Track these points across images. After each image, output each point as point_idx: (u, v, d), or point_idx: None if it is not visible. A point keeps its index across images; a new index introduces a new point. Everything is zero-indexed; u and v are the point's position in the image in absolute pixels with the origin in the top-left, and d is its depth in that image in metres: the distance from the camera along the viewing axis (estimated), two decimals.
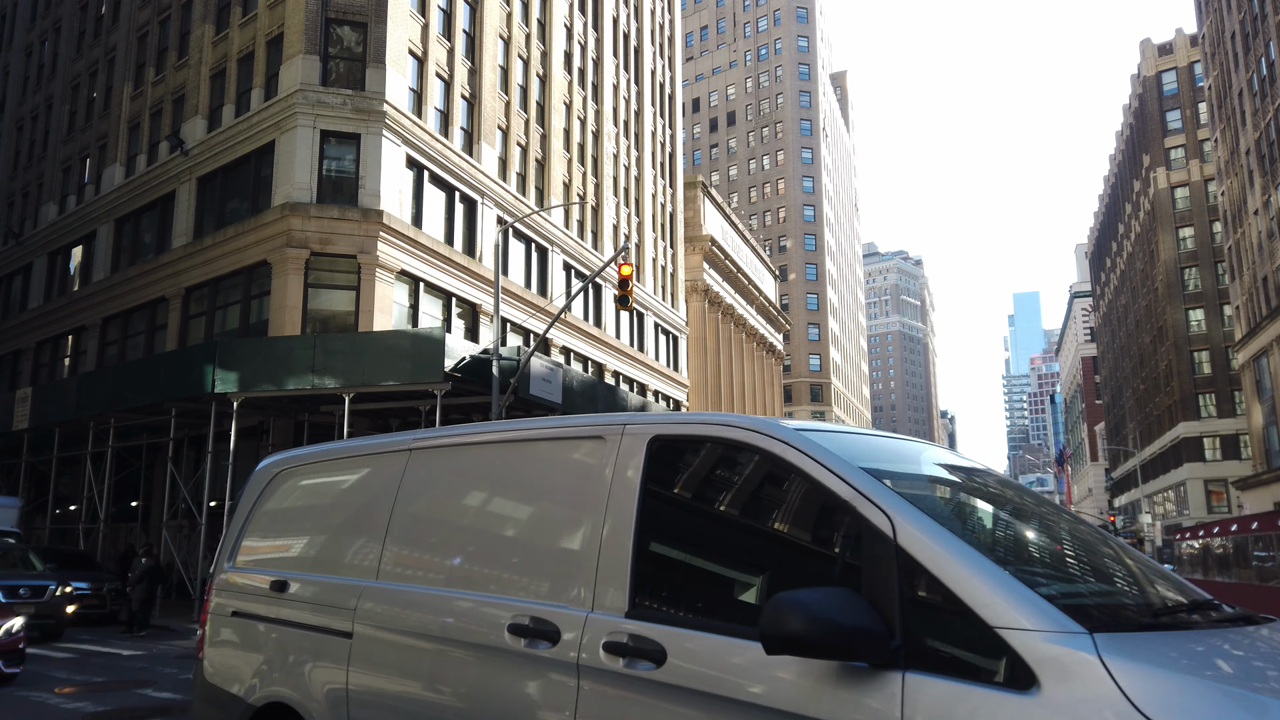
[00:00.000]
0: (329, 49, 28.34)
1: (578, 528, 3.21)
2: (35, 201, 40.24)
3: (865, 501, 2.54)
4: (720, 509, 3.01)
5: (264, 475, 5.10)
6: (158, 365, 24.83)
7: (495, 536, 3.59)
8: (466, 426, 4.06)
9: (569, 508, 3.31)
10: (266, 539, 4.81)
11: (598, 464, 3.28)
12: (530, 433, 3.68)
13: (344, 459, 4.62)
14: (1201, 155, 72.70)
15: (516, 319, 33.30)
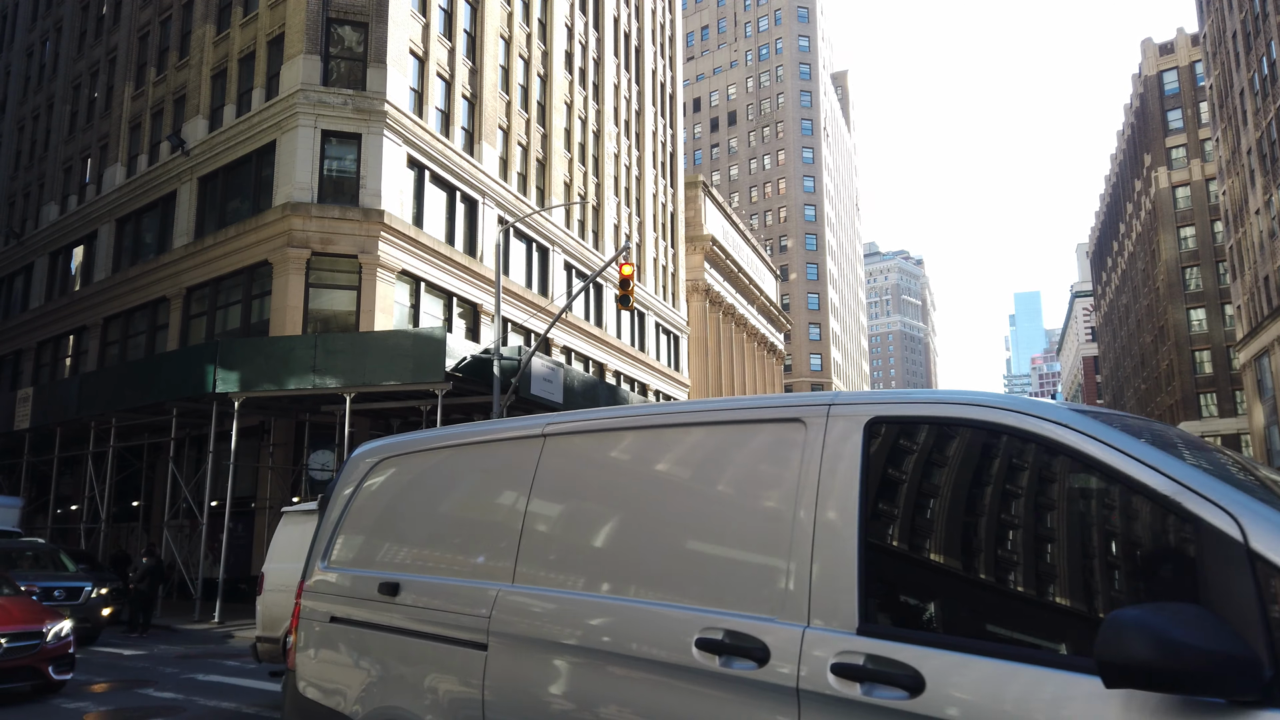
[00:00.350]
0: (330, 49, 28.35)
1: (775, 526, 2.79)
2: (36, 201, 40.26)
3: (1197, 498, 2.12)
4: (977, 505, 2.54)
5: (361, 464, 4.64)
6: (159, 365, 24.83)
7: (662, 535, 3.13)
8: (619, 409, 3.61)
9: (760, 502, 2.88)
10: (367, 535, 4.37)
11: (796, 451, 2.85)
12: (701, 415, 3.24)
13: (457, 446, 4.18)
14: (1203, 155, 72.64)
15: (517, 319, 33.30)
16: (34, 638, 10.22)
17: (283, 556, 10.69)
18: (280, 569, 10.63)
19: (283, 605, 10.12)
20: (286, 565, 10.44)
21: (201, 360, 22.41)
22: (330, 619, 4.21)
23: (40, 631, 10.28)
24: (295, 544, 10.50)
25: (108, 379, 26.37)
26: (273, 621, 10.49)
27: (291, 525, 10.96)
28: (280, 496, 25.55)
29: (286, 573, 10.33)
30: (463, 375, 22.07)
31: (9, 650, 9.88)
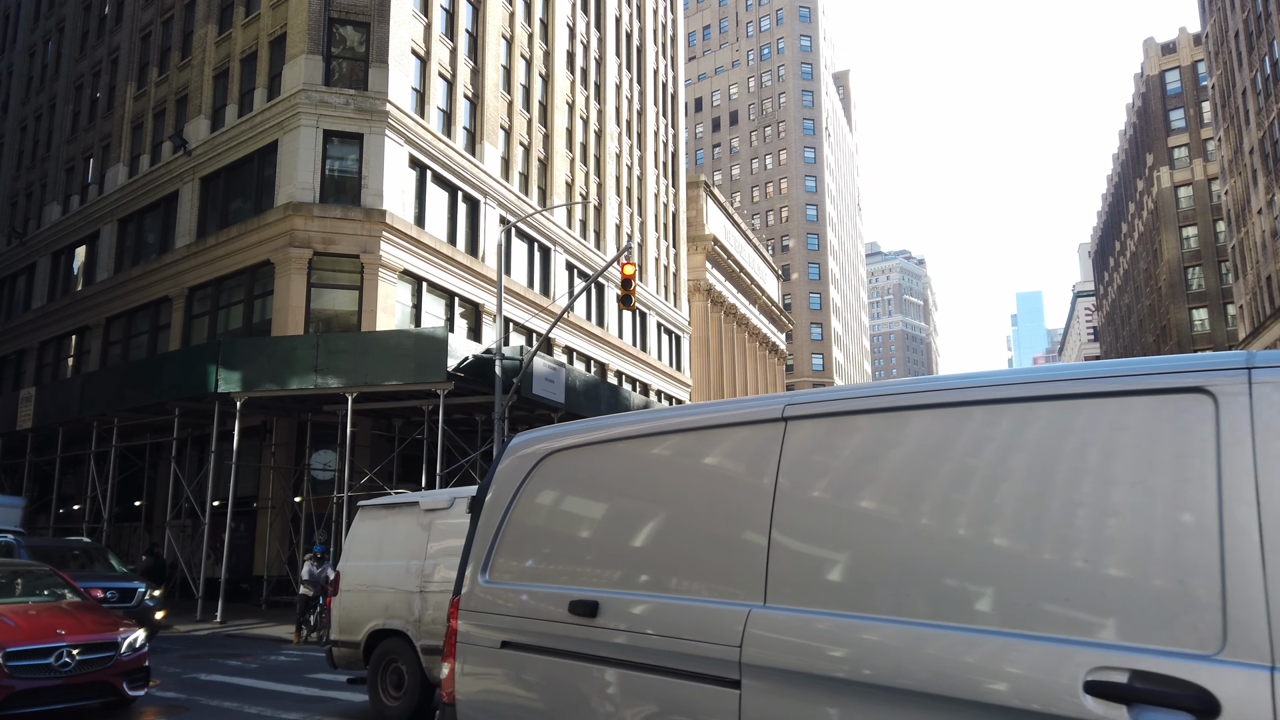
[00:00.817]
0: (332, 49, 28.36)
1: (1186, 530, 2.21)
2: (39, 201, 40.29)
3: None
4: None
5: (523, 459, 3.99)
6: (161, 365, 24.85)
7: (1001, 540, 2.46)
8: (885, 384, 3.01)
9: (1153, 499, 2.29)
10: (542, 543, 3.77)
11: (1201, 431, 2.26)
12: (1041, 386, 2.56)
13: (653, 435, 3.54)
14: (1205, 154, 72.56)
15: (519, 319, 33.31)
16: (108, 649, 9.11)
17: (361, 554, 10.01)
18: (358, 568, 9.95)
19: (362, 606, 9.63)
20: (365, 564, 9.84)
21: (203, 360, 22.42)
22: (501, 644, 3.63)
23: (115, 641, 9.19)
24: (374, 541, 9.90)
25: (110, 379, 26.39)
26: (351, 624, 9.80)
27: (370, 521, 10.20)
28: (282, 496, 25.56)
29: (365, 572, 9.78)
30: (465, 375, 22.07)
31: (81, 664, 8.80)
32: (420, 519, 9.47)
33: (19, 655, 8.54)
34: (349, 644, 9.78)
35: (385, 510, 10.06)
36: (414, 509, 9.63)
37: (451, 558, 8.81)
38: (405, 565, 9.31)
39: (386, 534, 9.75)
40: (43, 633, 8.89)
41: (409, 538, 9.46)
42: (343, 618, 9.94)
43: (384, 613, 9.35)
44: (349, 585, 9.97)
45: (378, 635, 9.43)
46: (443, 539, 9.21)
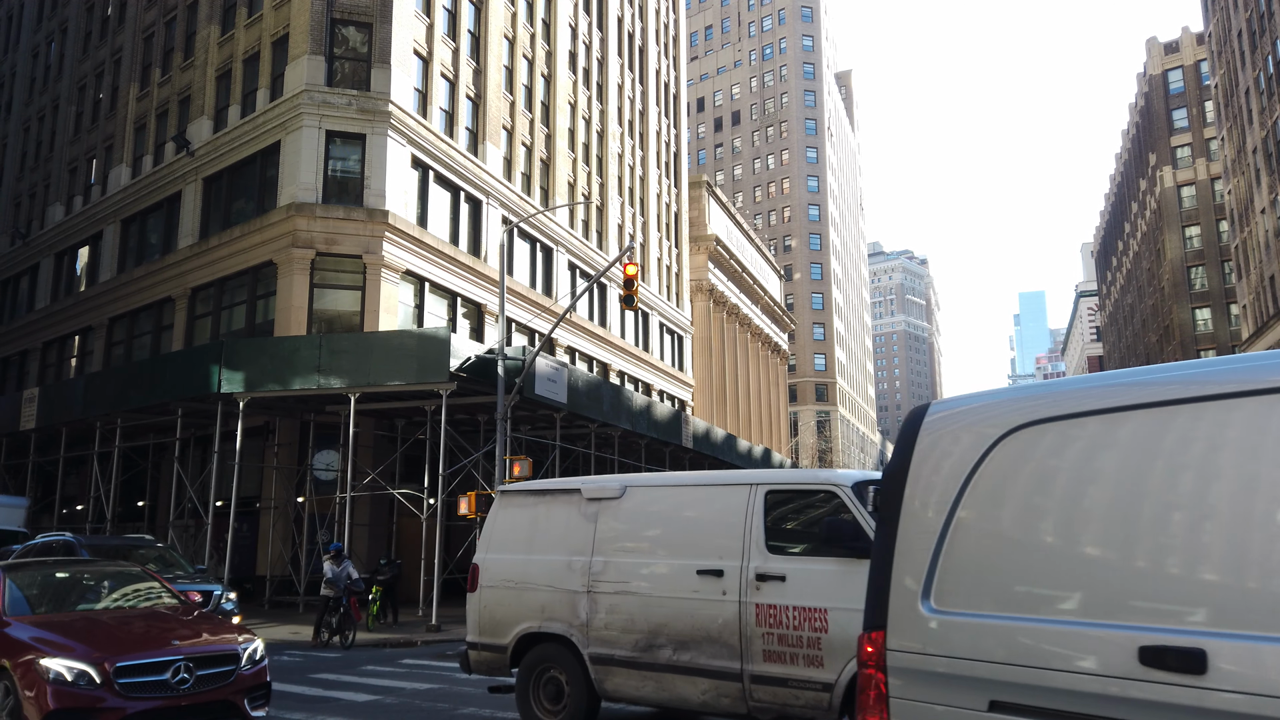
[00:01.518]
0: (334, 49, 28.39)
1: None
2: (42, 202, 40.36)
3: None
4: None
5: (965, 438, 3.01)
6: (164, 365, 24.88)
7: None
8: None
9: None
10: (1026, 559, 2.77)
11: None
12: None
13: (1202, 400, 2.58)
14: (1208, 154, 72.46)
15: (521, 319, 33.32)
16: (228, 661, 7.75)
17: (506, 545, 8.80)
18: (503, 561, 8.72)
19: (509, 605, 8.47)
20: (513, 557, 8.64)
21: (206, 360, 22.45)
22: (990, 705, 2.70)
23: (236, 653, 7.84)
24: (523, 531, 8.70)
25: (113, 379, 26.42)
26: (494, 625, 8.60)
27: (515, 508, 8.92)
28: (285, 496, 25.59)
29: (513, 566, 8.60)
30: (467, 375, 22.08)
31: (200, 680, 7.46)
32: (582, 508, 8.32)
33: (131, 670, 7.19)
34: (492, 647, 8.61)
35: (534, 497, 8.83)
36: (573, 497, 8.48)
37: (626, 555, 7.85)
38: (566, 561, 8.18)
39: (539, 524, 8.59)
40: (154, 642, 7.58)
41: (569, 529, 8.31)
42: (484, 617, 8.72)
43: (539, 614, 8.23)
44: (491, 580, 8.75)
45: (530, 639, 8.35)
46: (613, 533, 8.05)
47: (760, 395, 68.96)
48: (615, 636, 7.68)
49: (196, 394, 22.76)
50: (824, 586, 6.68)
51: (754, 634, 6.93)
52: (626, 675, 7.59)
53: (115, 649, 7.31)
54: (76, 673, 7.04)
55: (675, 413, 33.53)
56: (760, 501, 7.32)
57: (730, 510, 7.42)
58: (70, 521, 31.62)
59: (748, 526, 7.26)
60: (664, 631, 7.37)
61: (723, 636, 7.08)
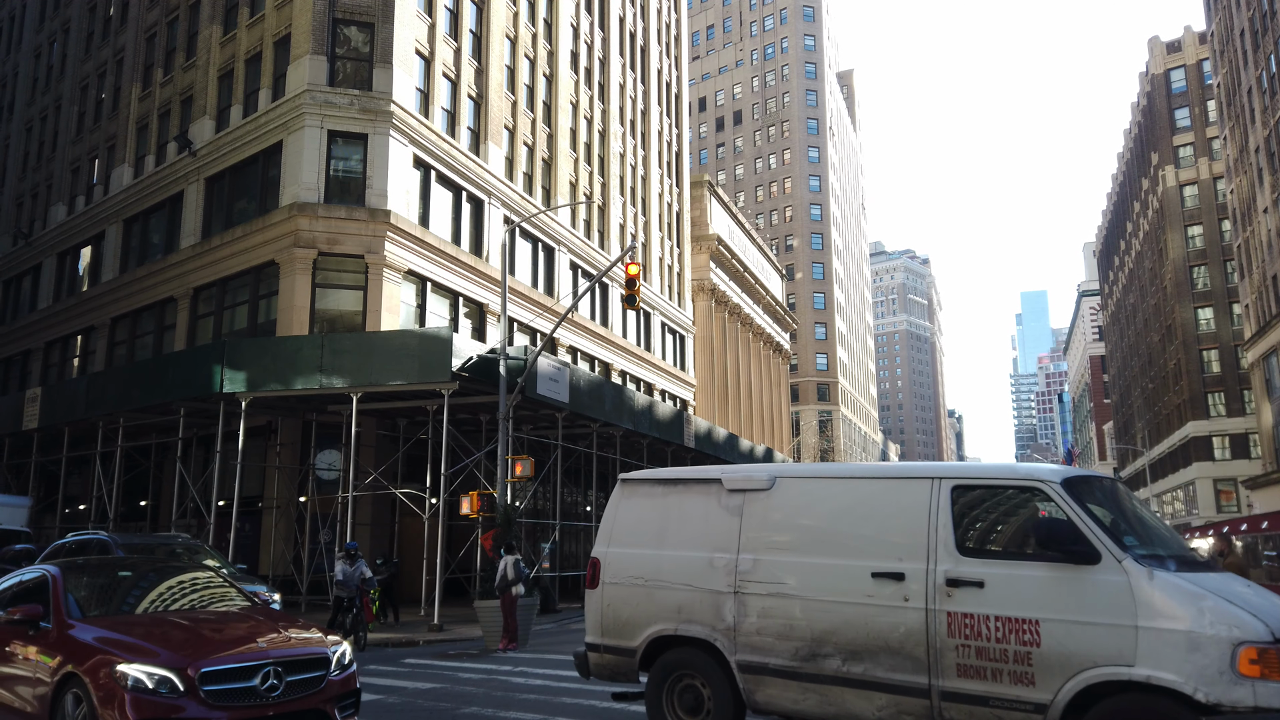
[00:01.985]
0: (336, 49, 28.40)
1: None
2: (44, 202, 40.41)
3: None
4: None
5: None
6: (166, 365, 24.91)
7: None
8: None
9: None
10: None
11: None
12: None
13: None
14: (1210, 153, 72.38)
15: (523, 318, 33.33)
16: (318, 666, 7.01)
17: (632, 539, 7.98)
18: (629, 555, 7.91)
19: (638, 605, 7.70)
20: (641, 552, 7.84)
21: (209, 360, 22.47)
22: None
23: (325, 656, 7.09)
24: (651, 523, 7.91)
25: (115, 379, 26.46)
26: (620, 626, 7.78)
27: (643, 499, 8.12)
28: (287, 496, 25.61)
29: (642, 562, 7.78)
30: (469, 375, 22.09)
31: (290, 686, 6.71)
32: (724, 500, 7.57)
33: (216, 676, 6.44)
34: (617, 650, 7.81)
35: (664, 487, 8.03)
36: (711, 488, 7.72)
37: (781, 554, 7.10)
38: (707, 558, 7.42)
39: (671, 516, 7.81)
40: (239, 645, 6.85)
41: (709, 523, 7.56)
42: (607, 617, 7.91)
43: (674, 615, 7.46)
44: (616, 577, 7.92)
45: (663, 642, 7.58)
46: (764, 528, 7.27)
47: (762, 395, 68.95)
48: (770, 643, 6.93)
49: (199, 394, 22.79)
50: (1034, 595, 5.98)
51: (945, 645, 6.20)
52: (783, 686, 6.83)
53: (197, 652, 6.55)
54: (158, 679, 6.28)
55: (677, 412, 33.54)
56: (945, 498, 6.57)
57: (909, 507, 6.68)
58: (73, 521, 31.66)
59: (932, 525, 6.51)
60: (831, 639, 6.65)
61: (905, 647, 6.35)
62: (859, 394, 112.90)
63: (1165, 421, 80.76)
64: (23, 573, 8.31)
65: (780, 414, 74.47)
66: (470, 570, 24.72)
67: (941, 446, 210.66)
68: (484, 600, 17.54)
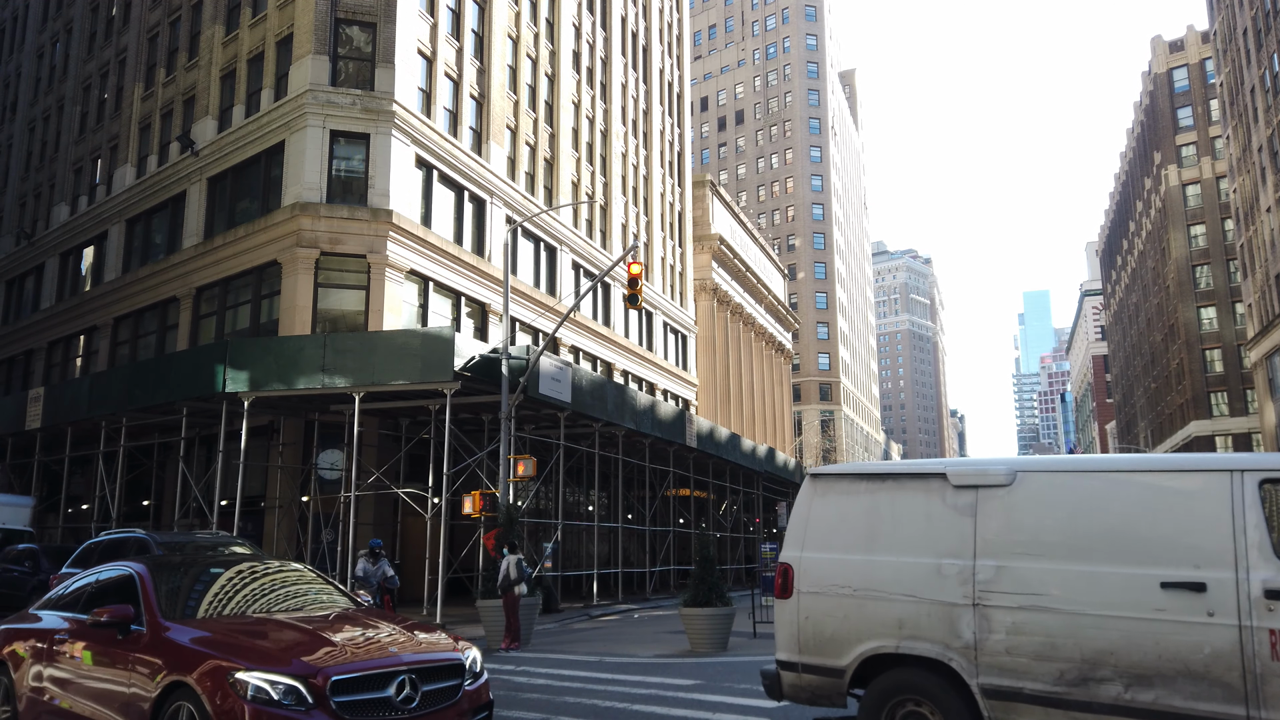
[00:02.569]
0: (338, 49, 28.41)
1: None
2: (47, 202, 40.46)
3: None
4: None
5: None
6: (169, 365, 24.93)
7: None
8: None
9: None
10: None
11: None
12: None
13: None
14: (1213, 152, 72.30)
15: (525, 318, 33.34)
16: (452, 674, 6.22)
17: (831, 542, 6.99)
18: (830, 562, 6.93)
19: (846, 617, 6.71)
20: (847, 557, 6.86)
21: (211, 360, 22.49)
22: None
23: (460, 663, 6.30)
24: (855, 523, 6.92)
25: (118, 379, 26.48)
26: (821, 641, 6.80)
27: (840, 496, 7.12)
28: (289, 496, 25.63)
29: (848, 568, 6.81)
30: (471, 375, 22.09)
31: (426, 696, 5.94)
32: (949, 498, 6.59)
33: (348, 685, 5.64)
34: (820, 670, 6.80)
35: (868, 483, 7.03)
36: (931, 483, 6.71)
37: (1033, 560, 6.15)
38: (934, 564, 6.46)
39: (882, 516, 6.85)
40: (369, 650, 6.08)
41: (932, 524, 6.59)
42: (805, 631, 6.92)
43: (895, 630, 6.49)
44: (815, 585, 6.94)
45: (879, 662, 6.61)
46: (1006, 531, 6.28)
47: (764, 394, 68.94)
48: (1024, 665, 6.00)
49: (201, 393, 22.80)
50: None
51: (1269, 671, 5.24)
52: (1044, 715, 5.92)
53: (329, 657, 5.75)
54: (283, 689, 5.47)
55: (679, 412, 33.53)
56: (1253, 493, 5.56)
57: (1202, 504, 5.71)
58: (75, 521, 31.72)
59: (1239, 526, 5.53)
60: (1108, 661, 5.74)
61: (1212, 672, 5.41)
62: (861, 394, 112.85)
63: (1168, 421, 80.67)
64: (98, 571, 7.60)
65: (782, 414, 74.45)
66: (473, 570, 24.73)
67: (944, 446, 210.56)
68: (486, 600, 17.55)
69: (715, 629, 14.95)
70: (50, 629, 7.25)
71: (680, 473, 35.35)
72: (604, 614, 24.74)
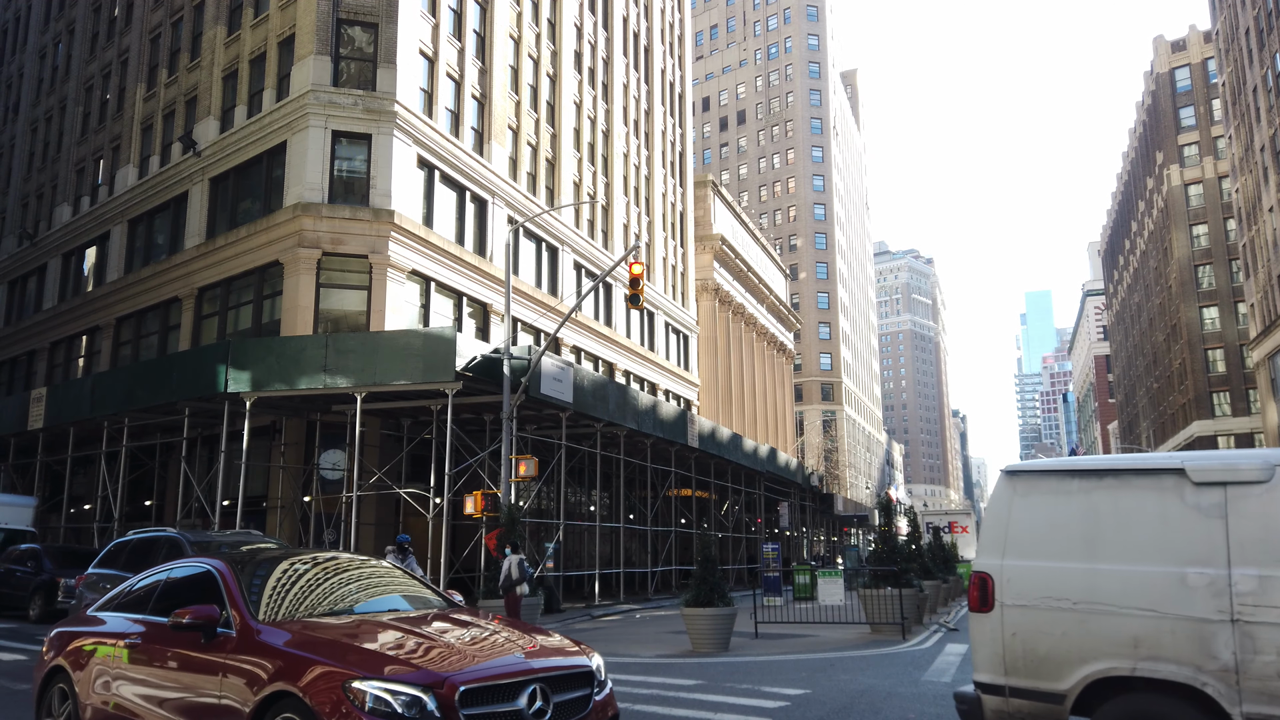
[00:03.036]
0: (340, 49, 28.43)
1: None
2: (49, 203, 40.50)
3: None
4: None
5: None
6: (171, 365, 24.96)
7: None
8: None
9: None
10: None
11: None
12: None
13: None
14: (1215, 152, 72.22)
15: (527, 318, 33.35)
16: (583, 683, 5.58)
17: (1040, 547, 6.20)
18: (1042, 570, 6.14)
19: (1060, 633, 5.92)
20: (1059, 564, 6.08)
21: (213, 360, 22.51)
22: None
23: (590, 671, 5.65)
24: (1071, 526, 6.12)
25: (120, 379, 26.52)
26: (1035, 662, 6.01)
27: (1049, 495, 6.29)
28: (291, 496, 25.65)
29: (1062, 577, 6.02)
30: (473, 375, 22.10)
31: (559, 708, 5.29)
32: (1191, 497, 5.80)
33: (478, 697, 4.97)
34: (1033, 694, 6.01)
35: (1085, 480, 6.18)
36: (1165, 480, 5.90)
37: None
38: (1176, 574, 5.70)
39: (1103, 518, 6.04)
40: (493, 654, 5.44)
41: (1170, 527, 5.81)
42: (1013, 650, 6.13)
43: (1128, 650, 5.71)
44: (1023, 597, 6.16)
45: (1107, 685, 5.82)
46: (1266, 533, 5.50)
47: (766, 394, 68.92)
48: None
49: (203, 394, 22.83)
50: None
51: None
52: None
53: (447, 662, 5.10)
54: (406, 699, 4.80)
55: (681, 412, 33.53)
56: None
57: None
58: (78, 521, 31.75)
59: None
60: None
61: None
62: (863, 394, 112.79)
63: (1170, 421, 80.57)
64: (167, 568, 6.94)
65: (784, 414, 74.43)
66: (474, 570, 24.73)
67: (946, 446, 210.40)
68: (488, 600, 17.55)
69: (717, 629, 14.94)
70: (117, 632, 6.56)
71: (682, 473, 35.35)
72: (606, 614, 24.74)
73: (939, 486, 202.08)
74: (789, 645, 15.49)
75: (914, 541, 24.00)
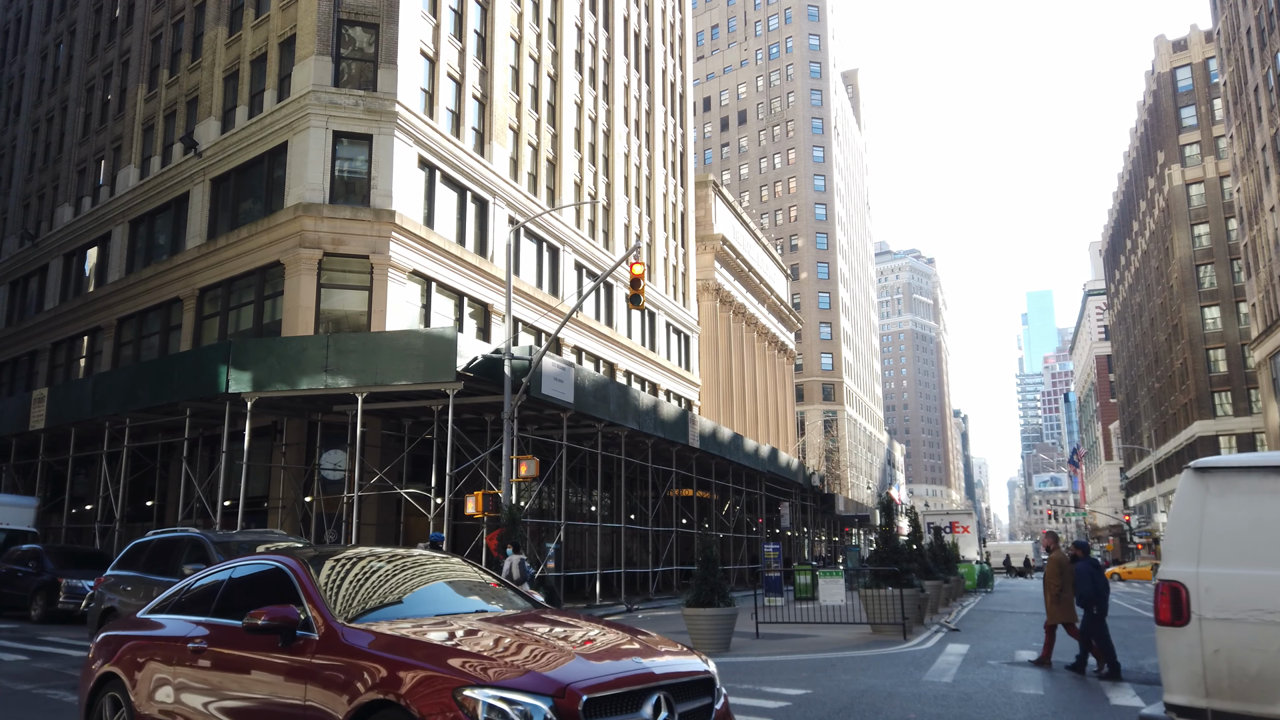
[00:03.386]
0: (341, 50, 28.44)
1: None
2: (51, 203, 40.54)
3: None
4: None
5: None
6: (172, 365, 24.98)
7: None
8: None
9: None
10: None
11: None
12: None
13: None
14: (1217, 152, 72.17)
15: (528, 318, 33.35)
16: (703, 691, 4.99)
17: (1243, 554, 5.62)
18: (1247, 579, 5.53)
19: (1271, 650, 5.29)
20: (1266, 572, 5.47)
21: (214, 360, 22.52)
22: None
23: (710, 677, 5.07)
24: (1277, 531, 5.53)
25: (121, 379, 26.54)
26: (1243, 683, 5.41)
27: (1250, 496, 5.72)
28: (293, 496, 25.66)
29: (1268, 587, 5.40)
30: (474, 375, 22.10)
31: (682, 717, 4.71)
32: None
33: (600, 706, 4.40)
34: (1240, 718, 5.41)
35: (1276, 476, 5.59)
36: None
37: None
38: None
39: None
40: (611, 658, 4.86)
41: None
42: (1214, 669, 5.52)
43: None
44: (1226, 610, 5.53)
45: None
46: None
47: (767, 395, 68.90)
48: None
49: (204, 394, 22.84)
50: None
51: None
52: None
53: (565, 668, 4.55)
54: (524, 709, 4.24)
55: (682, 412, 33.53)
56: None
57: None
58: (79, 521, 31.77)
59: None
60: None
61: None
62: (864, 394, 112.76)
63: (1172, 421, 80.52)
64: (229, 567, 6.45)
65: (785, 414, 74.42)
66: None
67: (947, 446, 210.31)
68: None
69: (718, 629, 14.94)
70: (179, 635, 6.04)
71: (683, 473, 35.35)
72: (607, 614, 24.75)
73: (940, 486, 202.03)
74: (790, 645, 15.49)
75: (915, 541, 24.01)
